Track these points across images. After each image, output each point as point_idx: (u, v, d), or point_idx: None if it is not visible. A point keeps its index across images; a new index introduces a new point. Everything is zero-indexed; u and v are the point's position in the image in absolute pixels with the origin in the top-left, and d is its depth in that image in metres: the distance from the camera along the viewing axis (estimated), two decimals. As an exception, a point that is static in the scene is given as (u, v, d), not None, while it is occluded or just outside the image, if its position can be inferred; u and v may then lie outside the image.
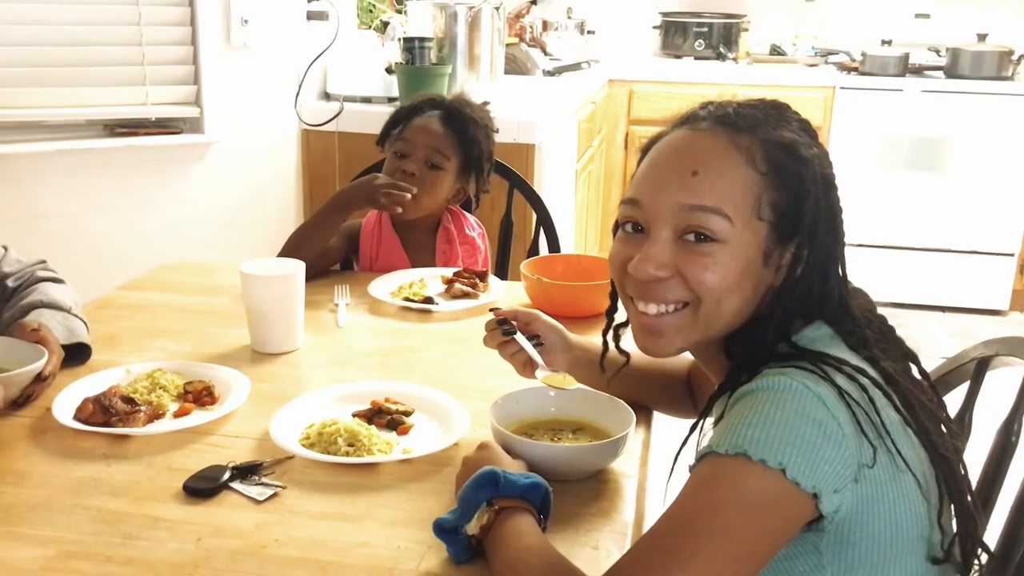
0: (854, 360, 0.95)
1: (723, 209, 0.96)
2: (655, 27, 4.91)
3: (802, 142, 1.00)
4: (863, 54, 4.42)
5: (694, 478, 0.88)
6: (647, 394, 1.33)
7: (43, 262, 1.61)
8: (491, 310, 1.35)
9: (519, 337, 1.29)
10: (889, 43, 4.47)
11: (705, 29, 4.74)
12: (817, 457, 0.85)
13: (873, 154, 4.29)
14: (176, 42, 2.72)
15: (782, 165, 0.98)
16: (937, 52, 4.55)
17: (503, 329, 1.30)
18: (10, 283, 1.53)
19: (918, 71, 4.40)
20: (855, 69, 4.43)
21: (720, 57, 4.69)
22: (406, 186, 1.88)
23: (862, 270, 4.69)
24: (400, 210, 1.89)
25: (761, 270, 0.98)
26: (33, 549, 1.01)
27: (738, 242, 0.96)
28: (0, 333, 1.45)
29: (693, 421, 1.08)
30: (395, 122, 2.01)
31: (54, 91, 2.59)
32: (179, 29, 2.71)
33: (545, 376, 1.26)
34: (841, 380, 0.90)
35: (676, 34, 4.81)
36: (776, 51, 4.77)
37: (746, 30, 4.81)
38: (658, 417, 1.35)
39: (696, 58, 4.72)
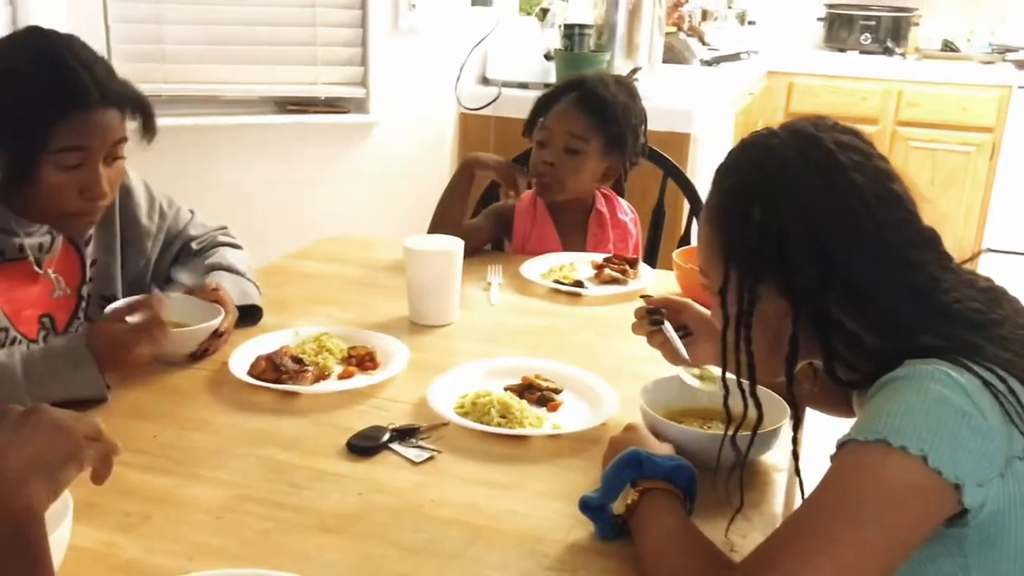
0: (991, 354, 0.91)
1: (702, 266, 1.07)
2: (819, 19, 4.77)
3: (762, 179, 0.98)
4: (1045, 51, 4.16)
5: (835, 466, 0.88)
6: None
7: (224, 228, 1.72)
8: (642, 296, 1.36)
9: (666, 328, 1.30)
10: (1075, 40, 4.20)
11: (873, 22, 4.57)
12: (960, 447, 0.83)
13: (1051, 158, 4.04)
14: (347, 24, 2.84)
15: (725, 212, 1.01)
16: None
17: (651, 319, 1.32)
18: (194, 245, 1.65)
19: (1107, 71, 4.12)
20: (1035, 67, 4.19)
21: (887, 52, 4.51)
22: (523, 180, 1.99)
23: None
24: (512, 199, 2.02)
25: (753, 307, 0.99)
26: (213, 490, 1.09)
27: (717, 292, 1.02)
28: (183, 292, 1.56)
29: (844, 418, 1.06)
30: (537, 111, 2.04)
31: (232, 68, 2.75)
32: (350, 12, 2.83)
33: (686, 372, 1.26)
34: (981, 371, 0.87)
35: (841, 26, 4.66)
36: (948, 47, 4.55)
37: (916, 24, 4.61)
38: (810, 413, 1.33)
39: (861, 52, 4.56)
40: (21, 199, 1.36)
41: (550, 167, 1.97)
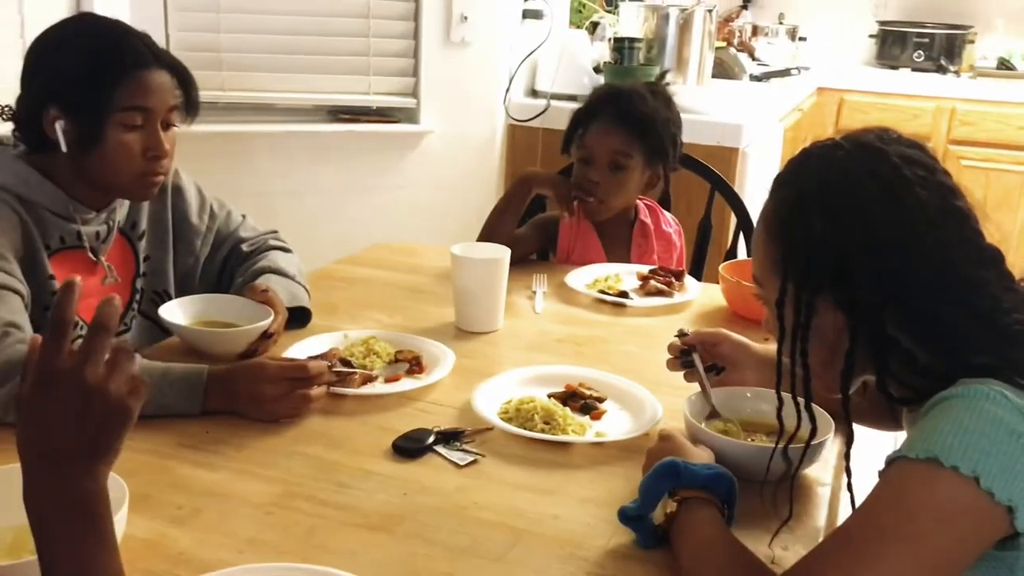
0: None
1: (756, 275, 1.06)
2: (871, 36, 4.73)
3: (817, 190, 0.97)
4: (1105, 71, 4.09)
5: (883, 482, 0.87)
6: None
7: (275, 232, 1.76)
8: (677, 335, 1.36)
9: (698, 367, 1.31)
10: None
11: (926, 39, 4.52)
12: (1013, 469, 0.82)
13: (1109, 180, 3.96)
14: (400, 35, 2.88)
15: (784, 222, 1.00)
16: None
17: (682, 360, 1.34)
18: (244, 248, 1.69)
19: None
20: (1094, 87, 4.11)
21: (941, 70, 4.46)
22: (588, 198, 1.99)
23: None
24: (568, 216, 2.03)
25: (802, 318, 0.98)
26: (262, 485, 1.12)
27: (773, 303, 1.01)
28: (233, 293, 1.60)
29: (891, 433, 1.05)
30: (575, 126, 2.04)
31: (286, 77, 2.80)
32: (403, 23, 2.87)
33: (710, 425, 1.25)
34: None
35: (894, 44, 4.61)
36: (1004, 65, 4.48)
37: (971, 42, 4.55)
38: (857, 429, 1.33)
39: (914, 69, 4.51)
40: (83, 173, 1.41)
41: (596, 185, 1.98)
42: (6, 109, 1.47)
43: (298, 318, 1.59)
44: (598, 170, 1.98)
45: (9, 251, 1.35)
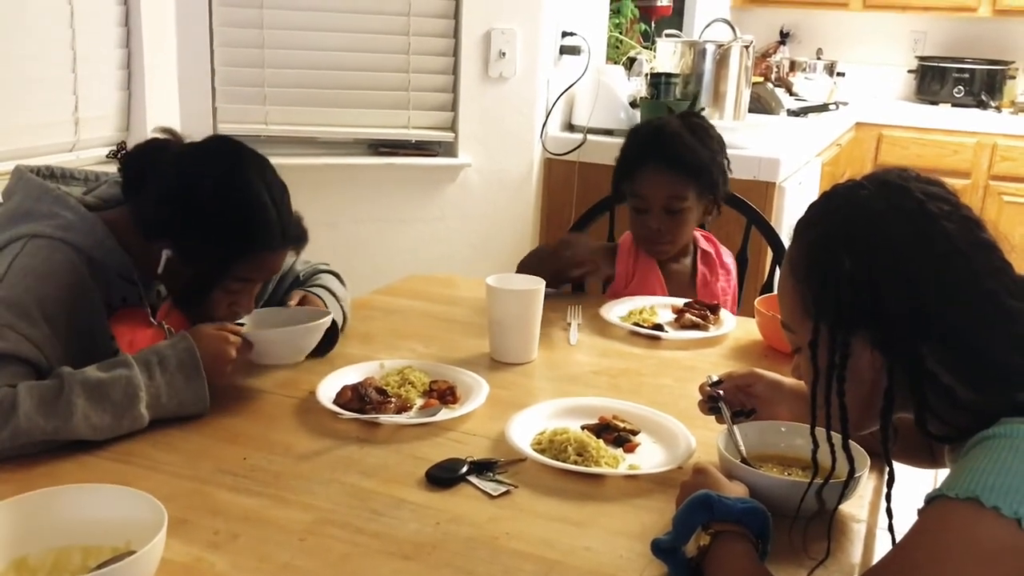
0: None
1: (786, 322, 1.07)
2: (910, 71, 4.71)
3: (844, 232, 0.98)
4: None
5: (922, 521, 0.86)
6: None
7: (327, 265, 1.79)
8: (709, 385, 1.36)
9: (725, 417, 1.30)
10: None
11: (966, 75, 4.50)
12: None
13: None
14: (439, 71, 2.93)
15: (813, 263, 1.01)
16: None
17: (710, 406, 1.34)
18: (301, 277, 1.74)
19: None
20: None
21: (981, 105, 4.43)
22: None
23: None
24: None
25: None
26: (297, 512, 1.13)
27: (807, 346, 1.01)
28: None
29: (927, 470, 1.04)
30: (621, 175, 2.05)
31: (328, 111, 2.86)
32: (442, 59, 2.92)
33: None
34: None
35: (933, 79, 4.60)
36: (1047, 100, 4.44)
37: (1013, 77, 4.53)
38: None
39: (954, 105, 4.49)
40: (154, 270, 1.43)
41: (659, 232, 2.00)
42: (120, 147, 1.47)
43: (321, 345, 1.56)
44: (656, 217, 1.99)
45: (53, 312, 1.32)
